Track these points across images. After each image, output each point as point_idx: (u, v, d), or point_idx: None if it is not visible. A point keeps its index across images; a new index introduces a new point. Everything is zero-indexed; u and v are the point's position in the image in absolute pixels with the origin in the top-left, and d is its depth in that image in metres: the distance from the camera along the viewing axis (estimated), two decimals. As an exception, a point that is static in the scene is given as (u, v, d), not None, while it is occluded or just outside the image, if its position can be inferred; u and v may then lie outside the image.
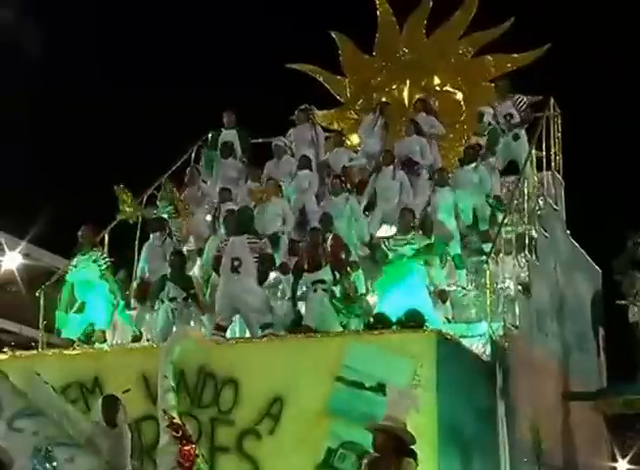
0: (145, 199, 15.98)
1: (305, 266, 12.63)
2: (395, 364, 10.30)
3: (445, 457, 10.12)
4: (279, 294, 14.20)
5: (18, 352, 12.33)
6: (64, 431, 9.58)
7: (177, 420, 9.73)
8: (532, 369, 13.00)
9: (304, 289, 12.57)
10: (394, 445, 8.65)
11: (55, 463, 9.07)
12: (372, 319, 11.56)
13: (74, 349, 12.41)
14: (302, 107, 16.94)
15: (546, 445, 12.94)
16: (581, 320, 16.21)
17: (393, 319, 11.24)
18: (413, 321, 10.96)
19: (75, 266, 13.62)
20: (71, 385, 11.33)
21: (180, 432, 9.56)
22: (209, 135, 17.48)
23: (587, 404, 14.72)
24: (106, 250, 14.60)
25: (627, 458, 16.87)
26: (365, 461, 8.82)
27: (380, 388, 10.13)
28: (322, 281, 12.33)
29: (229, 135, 17.03)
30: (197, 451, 9.62)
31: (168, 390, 9.91)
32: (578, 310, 16.11)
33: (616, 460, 16.57)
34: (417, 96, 17.70)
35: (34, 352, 12.70)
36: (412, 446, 8.68)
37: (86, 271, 13.55)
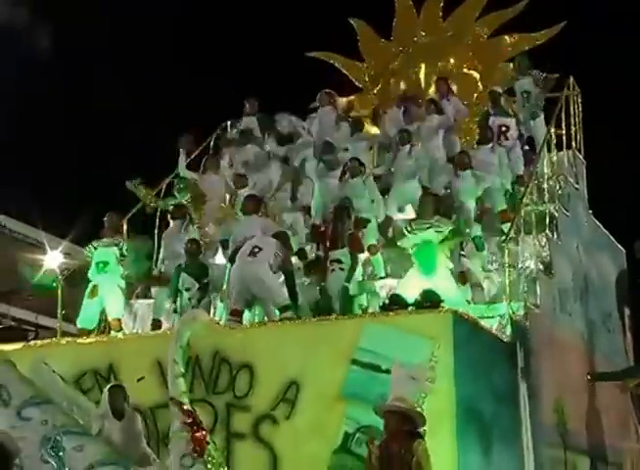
0: (164, 188, 15.66)
1: (327, 244, 12.50)
2: (412, 345, 9.87)
3: (464, 440, 9.73)
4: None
5: (32, 342, 12.09)
6: (73, 420, 9.34)
7: (188, 406, 9.36)
8: (556, 349, 12.54)
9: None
10: (405, 426, 8.28)
11: (62, 453, 8.76)
12: (388, 301, 11.16)
13: (88, 337, 12.10)
14: (327, 90, 16.59)
15: (571, 426, 12.52)
16: (606, 300, 15.77)
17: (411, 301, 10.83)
18: (429, 302, 10.55)
19: (95, 248, 13.26)
20: (86, 373, 11.06)
21: (191, 418, 9.20)
22: (229, 123, 17.17)
23: (613, 385, 14.25)
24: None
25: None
26: (376, 443, 8.46)
27: None
28: (339, 261, 12.11)
29: (250, 122, 16.70)
30: (208, 438, 9.28)
31: (178, 375, 9.51)
32: (603, 290, 15.67)
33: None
34: (435, 77, 17.32)
35: (48, 341, 12.40)
36: (422, 428, 8.33)
37: (105, 253, 13.23)
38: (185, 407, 9.22)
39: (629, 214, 18.28)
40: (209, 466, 9.08)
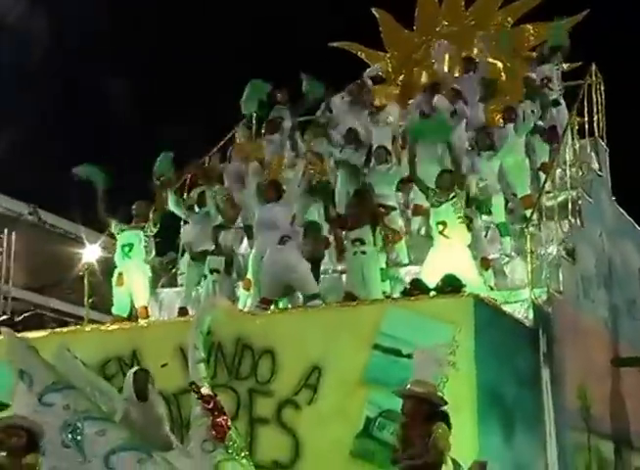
0: (188, 178, 15.59)
1: (348, 225, 12.31)
2: (433, 330, 9.74)
3: (485, 424, 9.57)
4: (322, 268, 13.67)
5: (58, 330, 12.04)
6: (95, 405, 9.23)
7: (208, 391, 9.27)
8: (579, 335, 12.34)
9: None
10: (424, 409, 8.11)
11: (80, 437, 8.69)
12: (409, 286, 11.02)
13: (113, 324, 12.03)
14: (359, 81, 16.51)
15: (595, 411, 12.32)
16: (630, 287, 15.54)
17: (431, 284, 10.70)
18: (450, 287, 10.41)
19: (122, 231, 13.19)
20: (110, 360, 10.96)
21: (212, 403, 9.10)
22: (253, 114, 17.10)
23: (638, 371, 14.03)
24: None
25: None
26: (396, 427, 8.33)
27: None
28: (361, 240, 11.91)
29: (279, 112, 16.58)
30: (229, 423, 9.18)
31: (199, 361, 9.43)
32: (626, 278, 15.44)
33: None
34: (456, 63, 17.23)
35: (73, 328, 12.36)
36: (443, 408, 8.18)
37: (130, 235, 13.13)
38: (206, 393, 9.14)
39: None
40: (231, 451, 8.98)
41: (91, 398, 9.35)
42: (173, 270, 14.97)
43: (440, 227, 11.76)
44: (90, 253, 17.43)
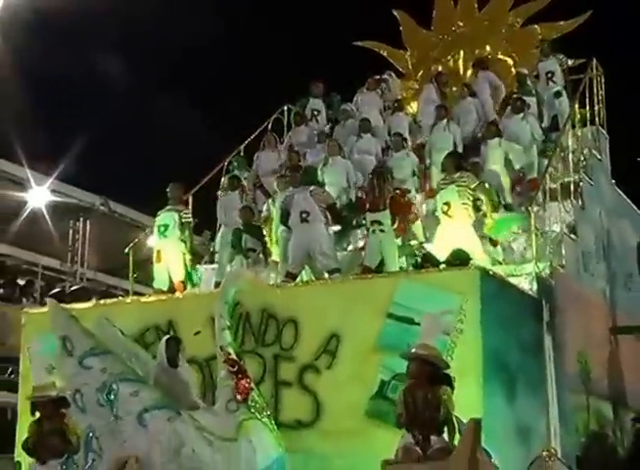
0: (225, 165, 15.22)
1: (367, 206, 11.91)
2: (442, 300, 9.34)
3: (489, 387, 9.17)
4: (344, 245, 13.46)
5: (102, 301, 11.75)
6: (129, 368, 8.97)
7: (233, 356, 8.94)
8: (580, 305, 11.95)
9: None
10: (429, 371, 7.74)
11: (114, 397, 8.39)
12: (420, 259, 10.61)
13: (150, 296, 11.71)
14: (378, 76, 16.16)
15: (594, 374, 11.93)
16: (627, 262, 15.08)
17: (441, 259, 10.26)
18: (458, 260, 9.98)
19: (159, 215, 12.78)
20: (149, 329, 10.66)
21: (236, 366, 8.80)
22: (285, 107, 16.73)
23: (634, 338, 13.59)
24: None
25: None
26: (402, 389, 7.94)
27: None
28: (379, 222, 11.54)
29: (316, 103, 16.26)
30: (252, 384, 8.86)
31: (224, 328, 9.14)
32: (624, 253, 14.97)
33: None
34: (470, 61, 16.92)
35: (116, 300, 12.06)
36: (447, 371, 7.78)
37: (165, 217, 12.69)
38: (230, 357, 8.83)
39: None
40: (253, 410, 8.77)
41: (127, 362, 9.13)
42: (211, 249, 14.59)
43: (445, 208, 11.32)
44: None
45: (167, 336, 9.73)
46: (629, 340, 13.39)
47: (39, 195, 20.20)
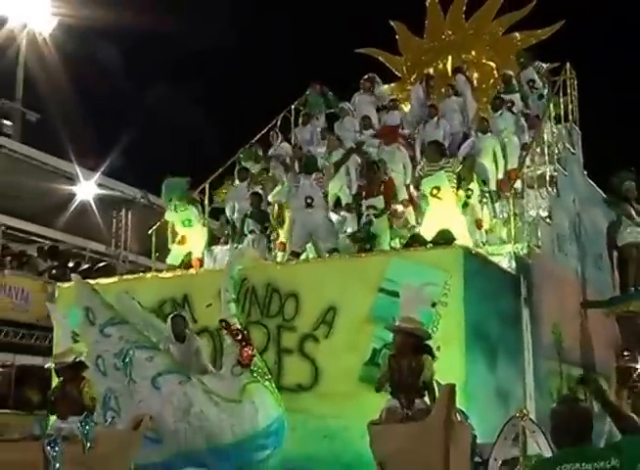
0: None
1: (363, 194, 11.57)
2: (429, 276, 9.07)
3: (471, 355, 8.94)
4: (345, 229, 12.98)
5: (125, 276, 11.49)
6: (145, 337, 8.81)
7: (237, 326, 8.66)
8: (554, 282, 11.61)
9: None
10: (412, 342, 7.47)
11: (129, 362, 8.16)
12: (409, 239, 10.30)
13: (168, 272, 11.41)
14: (366, 76, 15.72)
15: (567, 344, 11.61)
16: (597, 245, 14.60)
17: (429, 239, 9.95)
18: (444, 240, 9.67)
19: (175, 207, 12.41)
20: (166, 301, 10.39)
21: (240, 335, 8.52)
22: (292, 107, 16.36)
23: (602, 311, 13.22)
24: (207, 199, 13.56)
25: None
26: (387, 358, 7.67)
27: None
28: (374, 207, 11.18)
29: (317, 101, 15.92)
30: (254, 352, 8.58)
31: (230, 301, 8.88)
32: (595, 237, 14.54)
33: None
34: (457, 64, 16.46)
35: (137, 275, 11.78)
36: (428, 342, 7.50)
37: (186, 212, 12.37)
38: (234, 327, 8.55)
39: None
40: (255, 375, 8.56)
41: (144, 331, 8.93)
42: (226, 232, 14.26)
43: (435, 191, 10.89)
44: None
45: (172, 314, 9.46)
46: (598, 313, 13.02)
47: (87, 189, 20.19)
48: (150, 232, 12.87)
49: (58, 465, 6.70)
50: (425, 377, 7.31)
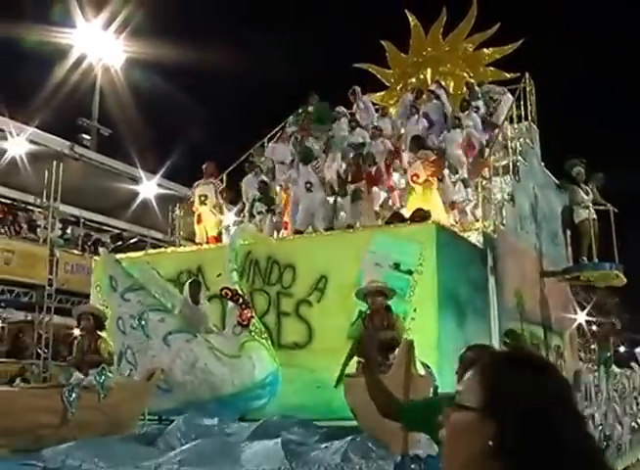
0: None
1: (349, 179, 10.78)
2: (406, 248, 8.38)
3: (443, 314, 8.19)
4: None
5: (149, 251, 10.76)
6: (159, 301, 8.13)
7: (238, 291, 7.91)
8: (516, 254, 10.88)
9: None
10: (381, 301, 6.69)
11: (145, 324, 7.46)
12: (390, 216, 9.54)
13: (185, 247, 10.67)
14: (350, 90, 14.76)
15: (528, 306, 10.87)
16: (553, 224, 13.83)
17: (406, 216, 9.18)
18: (419, 217, 8.89)
19: (197, 186, 11.69)
20: (183, 272, 9.63)
21: (240, 299, 7.77)
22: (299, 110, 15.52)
23: (557, 279, 12.46)
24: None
25: (585, 312, 14.91)
26: (362, 318, 6.92)
27: (395, 266, 8.30)
28: (361, 190, 10.41)
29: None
30: (252, 313, 7.83)
31: (232, 270, 8.14)
32: (551, 217, 13.75)
33: (576, 313, 14.34)
34: (436, 77, 15.61)
35: (159, 250, 11.04)
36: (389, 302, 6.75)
37: (203, 188, 11.60)
38: (236, 292, 7.81)
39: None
40: (253, 334, 7.83)
41: (160, 297, 8.19)
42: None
43: (415, 178, 10.15)
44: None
45: (190, 279, 8.73)
46: (553, 281, 12.31)
47: (149, 188, 19.83)
48: (175, 213, 12.15)
49: (74, 410, 6.00)
50: (396, 333, 6.56)
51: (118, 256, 9.31)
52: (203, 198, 11.45)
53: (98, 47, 22.44)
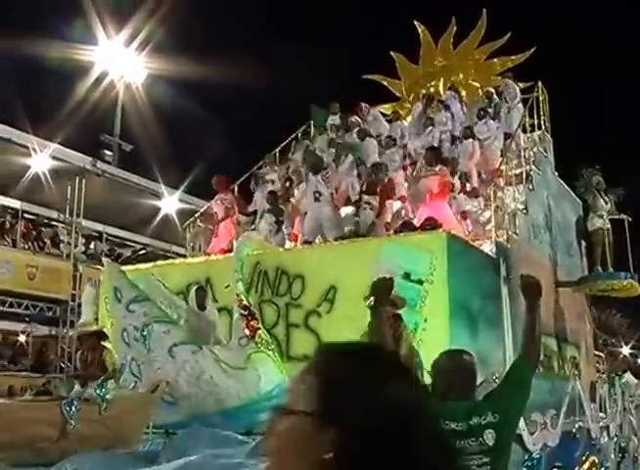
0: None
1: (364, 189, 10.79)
2: (417, 257, 8.15)
3: (455, 325, 7.93)
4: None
5: (158, 262, 10.60)
6: (164, 312, 7.95)
7: (245, 302, 7.73)
8: (530, 264, 10.45)
9: None
10: (392, 312, 6.47)
11: (148, 335, 7.30)
12: (400, 226, 9.35)
13: (193, 259, 10.52)
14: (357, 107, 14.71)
15: (542, 316, 10.37)
16: (568, 234, 13.62)
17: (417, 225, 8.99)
18: (429, 226, 8.68)
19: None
20: (191, 283, 9.38)
21: (247, 310, 7.59)
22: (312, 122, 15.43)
23: (572, 290, 12.19)
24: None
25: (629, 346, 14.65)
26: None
27: (406, 275, 8.06)
28: (369, 203, 10.27)
29: (334, 119, 14.78)
30: (259, 325, 7.64)
31: (238, 280, 7.94)
32: (565, 227, 13.53)
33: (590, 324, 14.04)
34: (448, 85, 15.43)
35: (167, 261, 10.88)
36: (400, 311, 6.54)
37: (215, 204, 11.52)
38: (242, 303, 7.62)
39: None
40: (259, 345, 7.63)
41: (166, 309, 8.00)
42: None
43: (429, 190, 9.97)
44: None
45: (196, 286, 8.55)
46: (569, 292, 12.03)
47: (170, 203, 19.83)
48: (184, 226, 12.03)
49: (74, 423, 5.81)
50: (404, 341, 6.37)
51: (126, 267, 9.17)
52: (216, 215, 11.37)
53: (120, 64, 22.59)
